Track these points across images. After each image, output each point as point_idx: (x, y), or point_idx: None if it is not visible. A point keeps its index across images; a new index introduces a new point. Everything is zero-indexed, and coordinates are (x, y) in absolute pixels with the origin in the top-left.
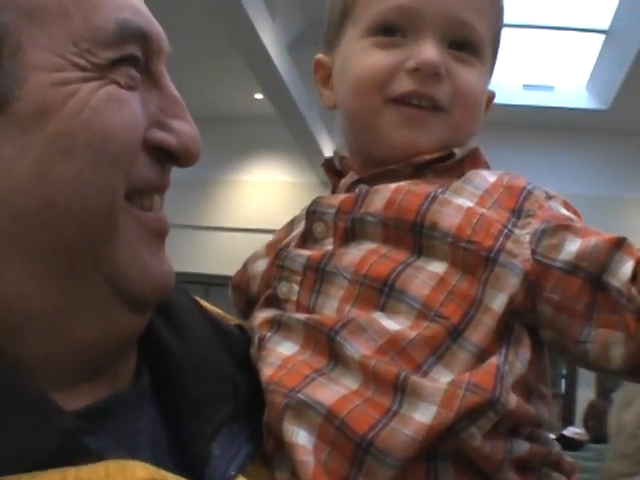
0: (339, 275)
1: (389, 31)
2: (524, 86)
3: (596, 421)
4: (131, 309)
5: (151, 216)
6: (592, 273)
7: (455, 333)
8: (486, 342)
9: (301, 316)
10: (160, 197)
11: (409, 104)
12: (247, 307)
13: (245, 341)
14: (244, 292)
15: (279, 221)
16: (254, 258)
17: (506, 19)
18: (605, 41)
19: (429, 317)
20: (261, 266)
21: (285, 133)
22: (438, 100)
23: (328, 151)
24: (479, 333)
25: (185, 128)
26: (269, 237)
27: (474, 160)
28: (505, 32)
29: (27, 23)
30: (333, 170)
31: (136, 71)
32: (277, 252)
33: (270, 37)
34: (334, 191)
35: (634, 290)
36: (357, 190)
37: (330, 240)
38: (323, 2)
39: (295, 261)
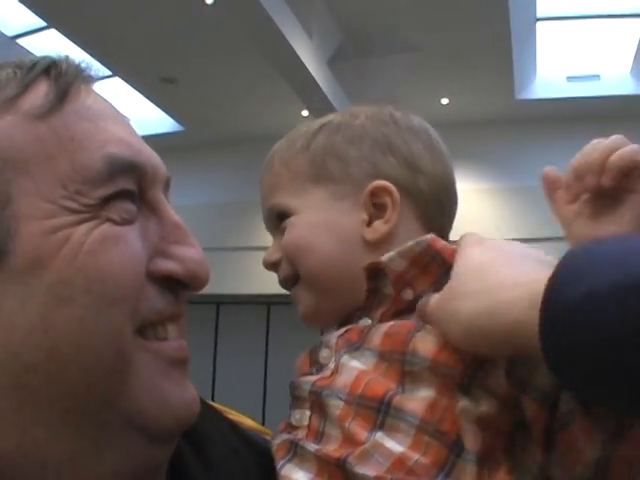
0: (334, 397)
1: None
2: (568, 78)
3: None
4: (153, 441)
5: (168, 345)
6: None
7: (456, 449)
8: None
9: (312, 447)
10: (177, 325)
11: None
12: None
13: None
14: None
15: None
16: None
17: (543, 13)
18: None
19: (428, 432)
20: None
21: None
22: (287, 277)
23: None
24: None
25: (189, 253)
26: None
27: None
28: (544, 25)
29: (14, 174)
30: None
31: (132, 203)
32: (290, 383)
33: (308, 54)
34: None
35: None
36: (361, 323)
37: (333, 360)
38: (358, 12)
39: (303, 389)
